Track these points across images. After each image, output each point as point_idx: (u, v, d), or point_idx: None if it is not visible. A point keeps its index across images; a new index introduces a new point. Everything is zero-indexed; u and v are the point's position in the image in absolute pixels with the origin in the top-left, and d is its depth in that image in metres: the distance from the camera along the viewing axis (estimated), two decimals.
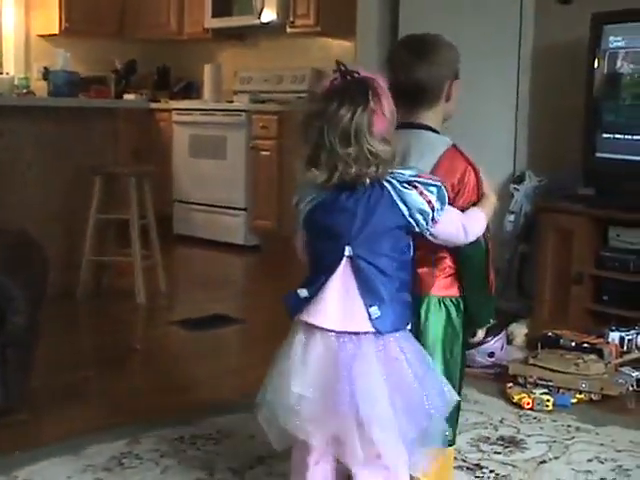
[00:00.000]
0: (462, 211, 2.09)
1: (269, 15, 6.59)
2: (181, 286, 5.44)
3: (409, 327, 2.02)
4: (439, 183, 1.96)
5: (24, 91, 6.38)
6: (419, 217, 1.94)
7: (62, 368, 3.61)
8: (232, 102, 6.95)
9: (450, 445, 2.23)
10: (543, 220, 4.16)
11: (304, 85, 6.72)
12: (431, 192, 1.95)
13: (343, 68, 1.93)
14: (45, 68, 6.76)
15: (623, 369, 3.48)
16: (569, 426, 3.04)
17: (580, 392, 3.29)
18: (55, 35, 7.18)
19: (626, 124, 3.97)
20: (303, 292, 1.97)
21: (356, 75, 1.92)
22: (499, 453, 2.80)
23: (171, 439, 2.80)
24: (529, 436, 2.94)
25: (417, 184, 1.93)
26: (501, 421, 3.08)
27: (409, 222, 1.95)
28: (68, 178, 4.93)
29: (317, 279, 1.96)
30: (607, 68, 4.03)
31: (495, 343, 3.68)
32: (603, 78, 4.04)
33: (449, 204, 2.01)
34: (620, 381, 3.36)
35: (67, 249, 4.91)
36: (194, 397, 3.32)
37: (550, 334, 3.65)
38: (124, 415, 3.08)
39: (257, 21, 6.68)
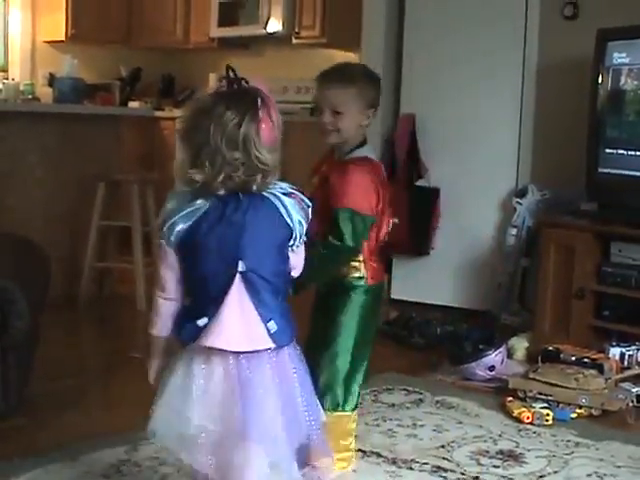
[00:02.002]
0: None
1: (275, 25, 6.61)
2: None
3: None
4: (310, 202, 1.94)
5: (29, 97, 6.40)
6: (297, 226, 1.89)
7: (62, 374, 3.61)
8: None
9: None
10: (545, 234, 4.16)
11: (309, 96, 6.72)
12: (307, 206, 1.92)
13: (232, 74, 1.88)
14: (50, 74, 6.77)
15: (623, 385, 3.49)
16: (569, 441, 3.04)
17: (580, 407, 3.29)
18: (61, 42, 7.20)
19: (629, 140, 3.97)
20: (203, 320, 1.86)
21: (244, 83, 1.88)
22: (498, 467, 2.79)
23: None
24: (528, 450, 2.94)
25: (296, 195, 1.91)
26: (500, 435, 3.08)
27: (292, 232, 1.89)
28: (71, 184, 4.94)
29: (211, 302, 1.86)
30: (611, 84, 4.03)
31: (496, 357, 3.68)
32: (607, 94, 4.05)
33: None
34: (620, 396, 3.36)
35: (69, 254, 4.93)
36: None
37: (551, 348, 3.65)
38: (123, 422, 3.07)
39: (263, 31, 6.70)
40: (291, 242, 1.91)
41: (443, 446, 2.95)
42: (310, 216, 1.94)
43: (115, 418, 3.15)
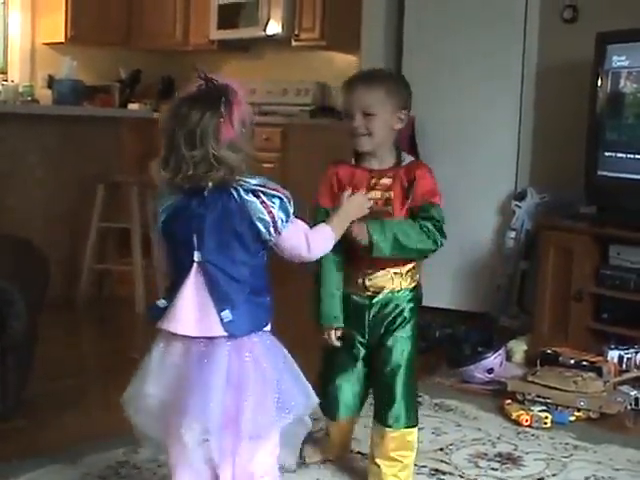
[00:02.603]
0: None
1: (274, 28, 6.62)
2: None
3: (268, 328, 2.04)
4: (282, 195, 1.97)
5: (28, 98, 6.41)
6: (260, 225, 1.95)
7: (61, 375, 3.61)
8: None
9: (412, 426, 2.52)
10: (544, 237, 4.16)
11: (308, 98, 6.74)
12: (273, 203, 1.95)
13: (202, 74, 1.95)
14: (50, 76, 6.78)
15: (622, 387, 3.48)
16: (567, 444, 3.04)
17: (578, 410, 3.29)
18: (61, 43, 7.21)
19: (628, 142, 3.97)
20: (162, 302, 2.02)
21: (215, 81, 1.95)
22: (496, 469, 2.79)
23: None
24: (527, 453, 2.94)
25: (260, 193, 1.94)
26: (499, 438, 3.08)
27: (257, 228, 1.95)
28: (71, 186, 4.94)
29: (173, 288, 2.00)
30: (610, 87, 4.04)
31: (494, 359, 3.68)
32: (606, 97, 4.05)
33: (297, 217, 2.03)
34: (619, 399, 3.36)
35: (68, 256, 4.93)
36: None
37: (549, 351, 3.65)
38: (122, 424, 3.07)
39: (262, 33, 6.71)
40: (263, 237, 1.96)
41: (441, 449, 2.95)
42: (291, 209, 1.97)
43: (114, 420, 3.13)
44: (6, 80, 7.10)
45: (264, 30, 6.67)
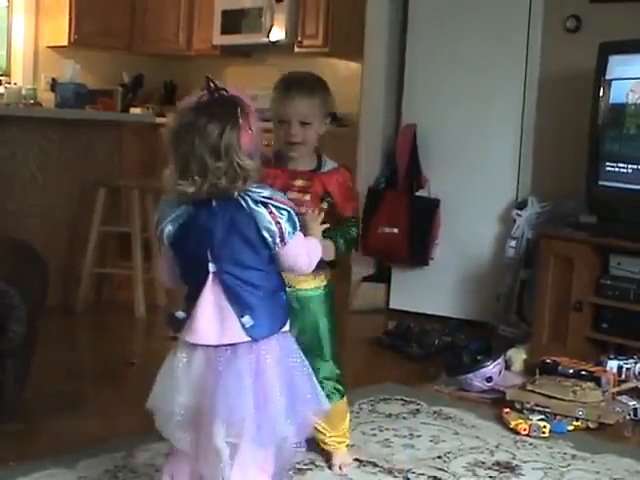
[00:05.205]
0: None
1: (278, 34, 6.63)
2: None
3: (287, 327, 2.11)
4: (290, 208, 2.04)
5: (31, 101, 6.42)
6: (266, 235, 2.01)
7: (59, 379, 3.61)
8: None
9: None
10: (544, 246, 4.16)
11: None
12: (282, 215, 2.02)
13: (212, 85, 2.01)
14: (53, 79, 6.79)
15: (620, 398, 3.48)
16: (565, 453, 3.04)
17: (577, 419, 3.29)
18: (64, 47, 7.22)
19: (629, 153, 3.98)
20: (180, 314, 2.09)
21: (224, 93, 2.02)
22: (494, 478, 2.79)
23: (166, 454, 2.78)
24: (525, 462, 2.93)
25: (269, 205, 2.01)
26: (497, 446, 3.07)
27: (263, 236, 2.02)
28: (72, 189, 4.95)
29: (189, 298, 2.08)
30: (612, 98, 4.04)
31: (493, 368, 3.68)
32: (608, 107, 4.05)
33: (302, 232, 2.10)
34: (617, 409, 3.36)
35: (68, 260, 4.93)
36: None
37: (548, 361, 3.64)
38: (120, 429, 3.07)
39: (265, 39, 6.72)
40: (269, 244, 2.03)
41: (440, 457, 2.95)
42: (296, 221, 2.05)
43: (112, 424, 3.15)
44: (9, 83, 7.11)
45: (267, 36, 6.68)
